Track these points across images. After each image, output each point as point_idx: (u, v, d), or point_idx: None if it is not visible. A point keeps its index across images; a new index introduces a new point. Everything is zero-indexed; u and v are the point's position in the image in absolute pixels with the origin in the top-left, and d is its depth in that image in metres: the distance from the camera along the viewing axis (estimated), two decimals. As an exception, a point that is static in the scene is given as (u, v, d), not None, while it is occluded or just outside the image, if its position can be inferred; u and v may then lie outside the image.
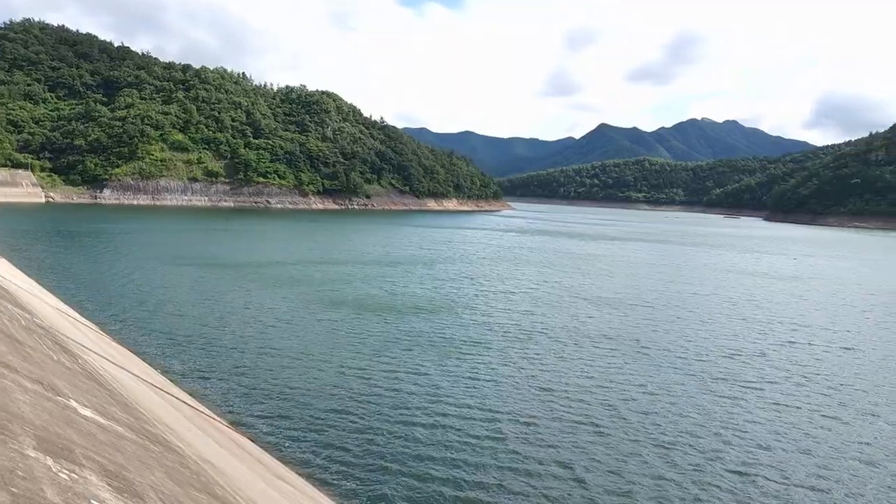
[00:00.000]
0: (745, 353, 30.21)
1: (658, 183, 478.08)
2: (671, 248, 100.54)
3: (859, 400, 23.96)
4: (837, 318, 41.55)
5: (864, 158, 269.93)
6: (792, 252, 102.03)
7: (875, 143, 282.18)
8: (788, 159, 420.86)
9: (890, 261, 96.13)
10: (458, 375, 23.87)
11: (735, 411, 21.82)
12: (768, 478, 16.69)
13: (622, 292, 47.48)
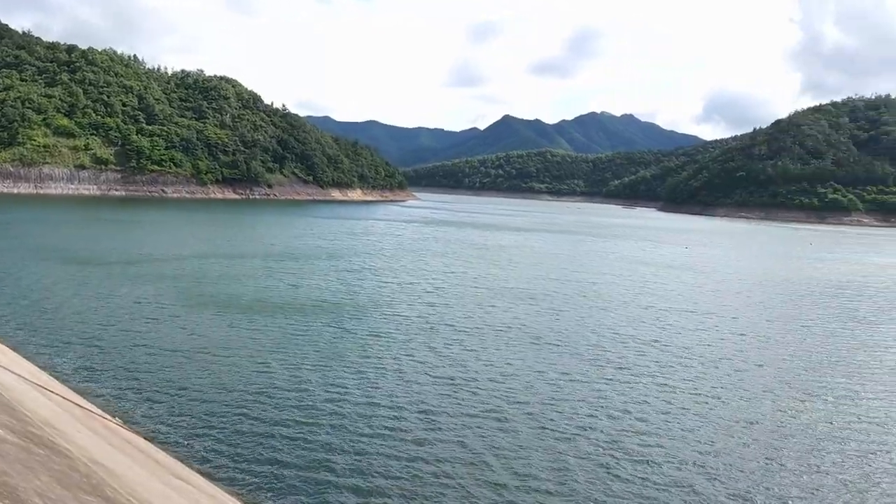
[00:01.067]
0: (641, 340, 31.57)
1: (560, 174, 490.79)
2: (573, 238, 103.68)
3: (746, 382, 25.55)
4: (725, 305, 44.05)
5: (749, 153, 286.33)
6: (684, 241, 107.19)
7: (758, 138, 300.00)
8: (681, 153, 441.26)
9: (770, 250, 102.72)
10: (360, 369, 23.78)
11: (633, 395, 22.79)
12: (661, 461, 17.58)
13: (525, 282, 48.60)
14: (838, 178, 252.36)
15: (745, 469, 17.38)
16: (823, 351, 31.75)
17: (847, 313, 43.17)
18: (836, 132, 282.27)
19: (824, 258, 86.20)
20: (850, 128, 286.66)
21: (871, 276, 66.57)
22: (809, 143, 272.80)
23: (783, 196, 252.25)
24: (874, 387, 26.00)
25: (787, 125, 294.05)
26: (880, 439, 20.15)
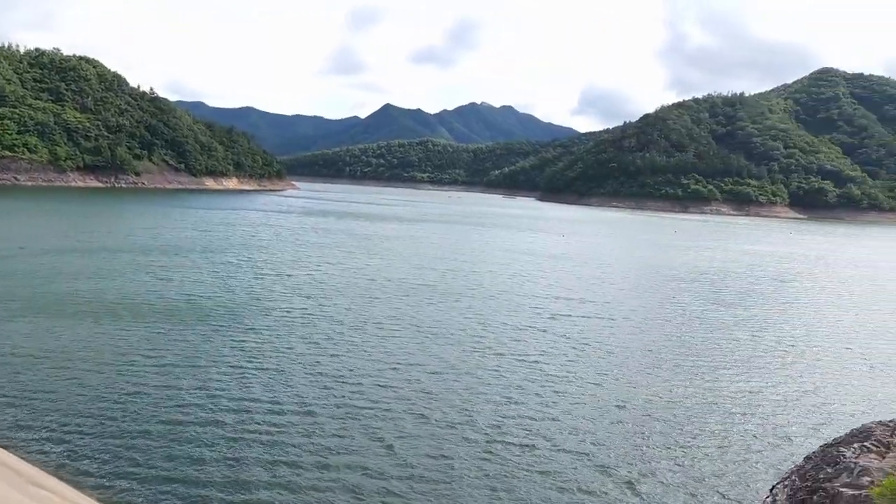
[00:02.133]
0: (520, 328, 32.10)
1: (441, 164, 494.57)
2: (455, 228, 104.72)
3: (619, 364, 26.52)
4: (600, 291, 45.77)
5: (619, 145, 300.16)
6: (561, 230, 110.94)
7: (628, 131, 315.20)
8: (557, 144, 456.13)
9: (640, 238, 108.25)
10: (235, 368, 22.71)
11: (513, 381, 23.04)
12: (540, 445, 17.78)
13: (407, 273, 48.46)
14: (699, 170, 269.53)
15: (616, 446, 17.96)
16: (690, 332, 33.62)
17: (711, 297, 46.05)
18: (697, 127, 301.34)
19: (689, 246, 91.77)
20: (709, 123, 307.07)
21: (730, 262, 71.48)
22: (674, 136, 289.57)
23: (651, 186, 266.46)
24: (734, 363, 27.88)
25: (653, 119, 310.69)
26: (739, 411, 21.59)
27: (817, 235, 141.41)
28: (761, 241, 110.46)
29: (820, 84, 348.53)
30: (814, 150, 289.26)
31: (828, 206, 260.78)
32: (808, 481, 14.84)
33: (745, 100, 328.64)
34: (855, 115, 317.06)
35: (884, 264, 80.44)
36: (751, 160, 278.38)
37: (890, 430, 16.29)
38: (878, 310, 45.17)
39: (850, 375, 27.60)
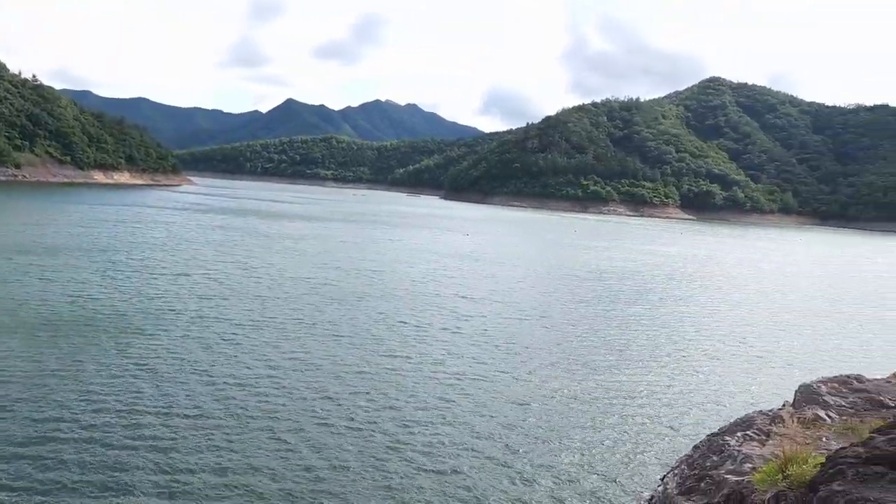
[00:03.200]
0: (422, 328, 32.10)
1: (346, 161, 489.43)
2: (359, 226, 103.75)
3: (522, 362, 26.92)
4: (504, 290, 46.40)
5: (523, 146, 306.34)
6: (465, 229, 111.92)
7: (531, 132, 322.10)
8: (462, 143, 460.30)
9: (543, 237, 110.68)
10: (123, 373, 21.50)
11: (415, 382, 22.98)
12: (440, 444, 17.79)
13: (309, 273, 47.51)
14: (598, 171, 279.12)
15: (516, 442, 18.12)
16: (591, 330, 34.55)
17: (610, 295, 47.54)
18: (596, 130, 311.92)
19: (589, 245, 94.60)
20: (608, 126, 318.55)
21: (628, 262, 74.16)
22: (574, 138, 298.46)
23: (552, 187, 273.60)
24: (632, 359, 28.81)
25: (555, 121, 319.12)
26: (635, 404, 22.27)
27: (706, 236, 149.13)
28: (656, 241, 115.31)
29: (708, 92, 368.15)
30: (703, 154, 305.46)
31: (715, 207, 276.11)
32: (695, 469, 15.32)
33: (641, 105, 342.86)
34: (740, 123, 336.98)
35: (765, 265, 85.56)
36: (646, 163, 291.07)
37: (770, 418, 17.07)
38: (761, 307, 47.93)
39: (736, 368, 29.07)
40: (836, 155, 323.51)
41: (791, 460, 9.63)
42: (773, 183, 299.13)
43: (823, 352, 33.79)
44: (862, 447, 8.44)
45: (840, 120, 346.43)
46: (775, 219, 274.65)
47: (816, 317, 45.01)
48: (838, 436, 14.13)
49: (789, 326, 40.64)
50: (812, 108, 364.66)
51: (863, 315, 47.21)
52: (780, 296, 54.59)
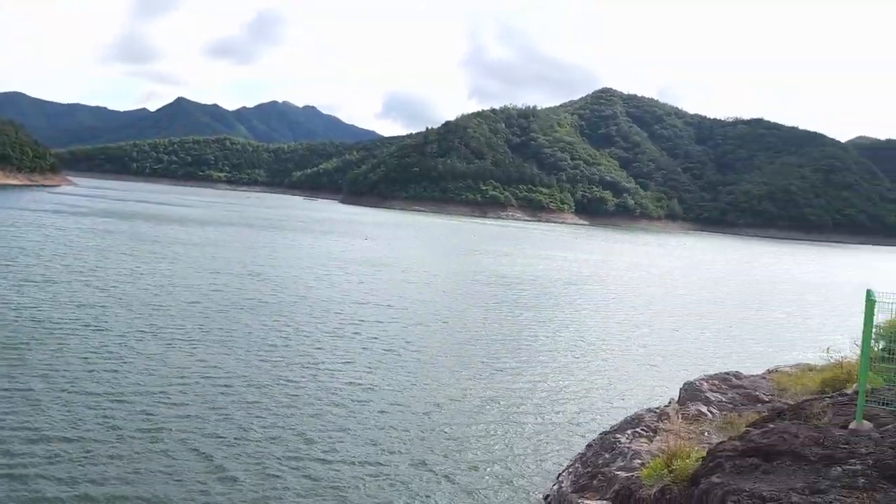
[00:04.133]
0: (324, 335, 31.64)
1: (240, 163, 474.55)
2: (254, 230, 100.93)
3: (422, 371, 26.94)
4: (403, 296, 46.36)
5: (422, 150, 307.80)
6: (365, 233, 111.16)
7: (430, 137, 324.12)
8: (361, 147, 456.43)
9: (442, 242, 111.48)
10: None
11: (311, 391, 22.57)
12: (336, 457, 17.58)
13: (201, 280, 45.73)
14: (497, 176, 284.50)
15: (414, 449, 18.11)
16: (492, 334, 35.04)
17: (511, 299, 48.38)
18: (494, 136, 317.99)
19: (489, 250, 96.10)
20: (506, 133, 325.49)
21: (527, 266, 75.82)
22: (473, 144, 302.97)
23: (452, 191, 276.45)
24: (531, 362, 29.41)
25: (454, 127, 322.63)
26: (533, 405, 22.73)
27: (600, 241, 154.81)
28: (553, 246, 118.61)
29: (601, 102, 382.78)
30: (596, 162, 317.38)
31: (607, 213, 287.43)
32: (589, 467, 15.78)
33: (538, 113, 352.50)
34: (630, 133, 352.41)
35: (654, 269, 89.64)
36: (542, 169, 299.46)
37: (657, 415, 17.84)
38: (652, 309, 50.13)
39: (628, 368, 30.24)
40: (717, 165, 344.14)
41: (675, 455, 10.09)
42: (661, 190, 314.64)
43: (707, 350, 35.68)
44: (738, 441, 8.94)
45: (720, 132, 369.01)
46: (662, 224, 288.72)
47: (701, 317, 47.53)
48: (719, 430, 14.91)
49: (677, 327, 42.72)
50: (695, 119, 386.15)
51: (742, 315, 50.29)
52: (669, 298, 57.34)
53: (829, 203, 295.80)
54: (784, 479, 7.59)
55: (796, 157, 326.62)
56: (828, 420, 9.47)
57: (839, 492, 7.26)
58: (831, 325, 45.02)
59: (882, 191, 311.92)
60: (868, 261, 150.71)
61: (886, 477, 7.58)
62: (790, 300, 62.90)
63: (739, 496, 7.18)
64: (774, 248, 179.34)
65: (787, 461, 8.01)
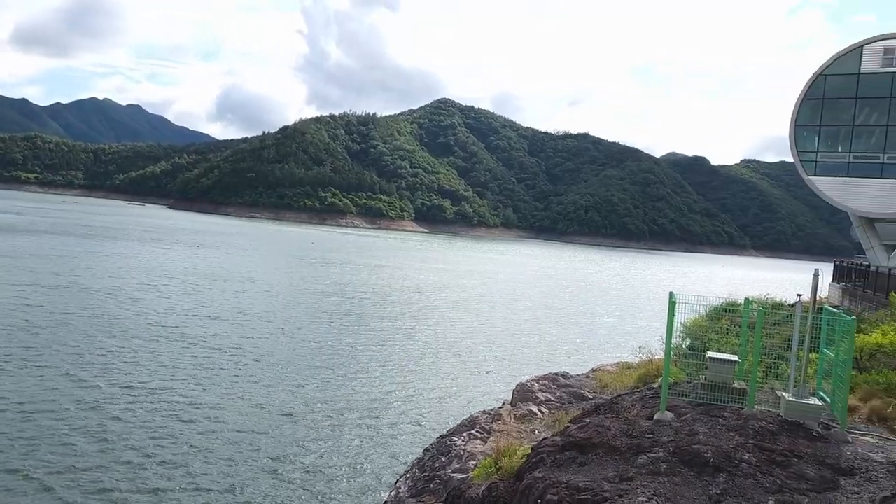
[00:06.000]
0: (151, 350, 30.01)
1: (54, 163, 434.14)
2: (72, 239, 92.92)
3: (260, 383, 26.20)
4: (242, 307, 44.79)
5: (259, 155, 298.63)
6: (197, 241, 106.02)
7: (267, 141, 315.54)
8: (193, 150, 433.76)
9: (279, 250, 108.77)
10: None
11: (138, 415, 21.36)
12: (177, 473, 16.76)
13: (6, 294, 41.64)
14: (336, 183, 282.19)
15: (251, 457, 17.73)
16: (333, 344, 34.81)
17: (352, 309, 48.19)
18: (334, 142, 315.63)
19: (330, 259, 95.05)
20: (345, 139, 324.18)
21: (371, 275, 75.80)
22: (312, 149, 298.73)
23: (290, 198, 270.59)
24: (372, 370, 29.51)
25: (292, 132, 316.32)
26: (373, 413, 22.85)
27: (441, 249, 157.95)
28: (396, 254, 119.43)
29: (440, 112, 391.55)
30: (435, 170, 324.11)
31: (446, 221, 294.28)
32: (426, 471, 16.14)
33: (378, 120, 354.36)
34: (468, 143, 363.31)
35: (493, 276, 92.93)
36: (382, 177, 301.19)
37: (491, 417, 18.60)
38: (491, 315, 51.99)
39: (467, 373, 31.23)
40: (548, 176, 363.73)
41: (503, 454, 10.64)
42: (497, 199, 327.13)
43: (540, 353, 37.63)
44: (559, 436, 9.59)
45: (551, 145, 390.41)
46: (499, 232, 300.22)
47: (536, 322, 50.00)
48: (547, 427, 15.83)
49: (514, 331, 44.65)
50: (528, 132, 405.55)
51: (573, 319, 53.50)
52: (507, 304, 59.72)
53: (646, 213, 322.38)
54: (597, 470, 8.25)
55: (617, 170, 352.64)
56: (636, 413, 10.39)
57: (644, 478, 8.01)
58: (652, 327, 49.07)
59: (689, 202, 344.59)
60: (681, 266, 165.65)
61: (684, 462, 8.47)
62: (616, 304, 67.79)
63: (558, 488, 7.71)
64: (601, 256, 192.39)
65: (601, 452, 8.71)
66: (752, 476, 8.33)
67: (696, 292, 12.88)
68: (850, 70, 41.08)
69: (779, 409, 10.61)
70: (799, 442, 9.32)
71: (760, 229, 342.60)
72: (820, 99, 42.23)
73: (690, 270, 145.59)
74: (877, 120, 40.69)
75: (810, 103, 42.58)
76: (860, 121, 41.37)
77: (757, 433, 9.37)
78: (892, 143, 39.97)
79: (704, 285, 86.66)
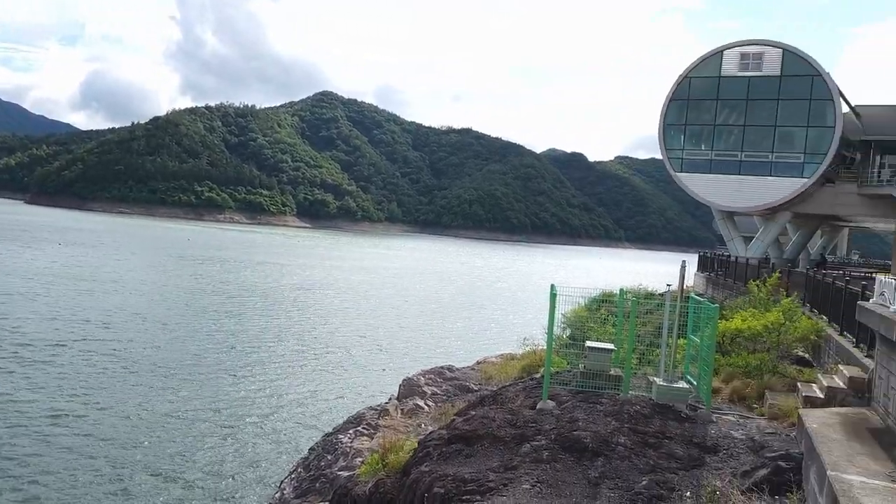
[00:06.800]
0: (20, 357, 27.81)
1: None
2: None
3: (139, 385, 24.86)
4: (111, 310, 42.28)
5: (128, 147, 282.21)
6: (59, 238, 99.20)
7: (137, 132, 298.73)
8: (53, 141, 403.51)
9: (153, 248, 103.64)
10: None
11: None
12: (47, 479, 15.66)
13: None
14: (213, 177, 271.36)
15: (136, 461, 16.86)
16: (213, 344, 33.51)
17: (234, 309, 46.58)
18: (210, 134, 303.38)
19: (210, 256, 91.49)
20: (223, 131, 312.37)
21: (254, 272, 73.54)
22: (187, 142, 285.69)
23: (163, 192, 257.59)
24: (255, 371, 28.69)
25: (165, 123, 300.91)
26: (257, 414, 22.23)
27: (326, 245, 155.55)
28: (279, 251, 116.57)
29: (322, 105, 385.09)
30: (317, 165, 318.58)
31: (330, 216, 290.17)
32: (311, 471, 15.89)
33: (257, 112, 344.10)
34: (350, 136, 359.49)
35: (382, 272, 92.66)
36: (262, 171, 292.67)
37: (378, 412, 18.54)
38: (379, 310, 51.81)
39: (354, 369, 30.98)
40: (432, 170, 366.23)
41: (390, 449, 10.62)
42: (381, 194, 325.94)
43: (428, 347, 37.92)
44: (445, 430, 9.69)
45: (435, 139, 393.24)
46: (383, 227, 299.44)
47: (424, 316, 50.26)
48: (434, 421, 15.95)
49: (402, 326, 44.69)
50: (412, 126, 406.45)
51: (460, 312, 54.20)
52: (395, 299, 59.66)
53: (528, 207, 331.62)
54: (483, 461, 8.38)
55: (500, 165, 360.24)
56: (520, 403, 10.65)
57: (528, 466, 8.22)
58: (536, 318, 50.42)
59: (568, 197, 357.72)
60: (562, 259, 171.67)
61: (565, 448, 8.76)
62: (502, 297, 69.28)
63: (445, 481, 7.78)
64: (485, 249, 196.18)
65: (486, 443, 8.86)
66: (627, 458, 8.74)
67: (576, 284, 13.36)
68: (712, 73, 43.96)
69: (651, 394, 11.20)
70: (669, 424, 9.87)
71: (633, 222, 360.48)
72: (685, 100, 44.93)
73: (571, 263, 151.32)
74: (735, 120, 43.75)
75: (677, 104, 45.21)
76: (721, 121, 44.35)
77: (632, 417, 9.84)
78: (749, 143, 43.13)
79: (585, 277, 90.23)
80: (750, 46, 43.26)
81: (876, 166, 42.25)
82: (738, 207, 44.96)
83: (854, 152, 45.54)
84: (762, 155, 42.78)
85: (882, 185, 39.92)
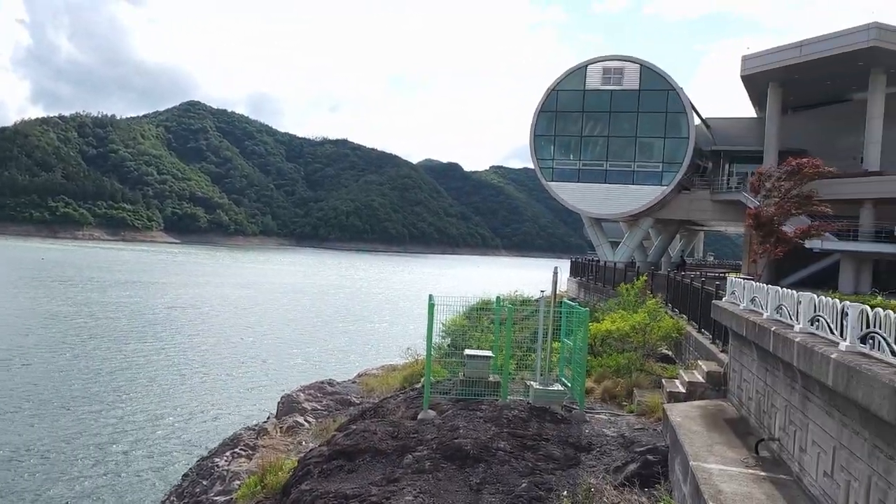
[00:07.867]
0: None
1: None
2: None
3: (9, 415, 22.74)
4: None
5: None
6: None
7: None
8: None
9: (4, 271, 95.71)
10: None
11: None
12: None
13: None
14: (69, 191, 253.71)
15: None
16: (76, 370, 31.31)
17: (97, 332, 43.63)
18: (65, 146, 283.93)
19: (63, 276, 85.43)
20: (79, 143, 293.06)
21: (116, 293, 69.16)
22: (39, 154, 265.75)
23: (12, 208, 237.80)
24: (119, 397, 27.01)
25: (13, 134, 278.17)
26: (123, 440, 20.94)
27: (197, 262, 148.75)
28: (147, 269, 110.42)
29: (189, 115, 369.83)
30: (186, 177, 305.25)
31: (200, 230, 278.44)
32: (185, 498, 15.13)
33: (118, 122, 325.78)
34: (221, 147, 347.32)
35: (258, 288, 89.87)
36: (125, 184, 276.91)
37: (256, 432, 17.95)
38: (255, 327, 50.16)
39: (229, 390, 29.82)
40: (307, 182, 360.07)
41: (269, 470, 10.29)
42: (255, 207, 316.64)
43: (308, 362, 37.12)
44: (326, 446, 9.50)
45: (310, 150, 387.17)
46: (258, 241, 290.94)
47: (304, 331, 49.17)
48: (315, 437, 15.62)
49: (280, 342, 43.48)
50: (286, 138, 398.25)
51: (340, 326, 53.46)
52: (273, 315, 57.96)
53: (406, 218, 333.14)
54: (365, 475, 8.29)
55: (377, 176, 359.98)
56: (402, 414, 10.64)
57: (411, 478, 8.21)
58: (418, 329, 50.54)
59: (445, 206, 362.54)
60: (441, 268, 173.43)
61: (447, 457, 8.82)
62: (383, 308, 68.97)
63: (326, 499, 7.62)
64: (364, 261, 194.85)
65: (368, 457, 8.77)
66: (507, 462, 8.93)
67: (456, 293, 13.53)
68: (577, 86, 46.10)
69: (529, 398, 11.51)
70: (546, 426, 10.17)
71: (509, 230, 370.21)
72: (554, 111, 46.84)
73: (450, 272, 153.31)
74: (600, 131, 46.09)
75: (546, 115, 47.05)
76: (587, 132, 46.56)
77: (510, 422, 10.06)
78: (613, 153, 45.52)
79: (464, 285, 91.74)
80: (611, 62, 45.75)
81: (725, 174, 45.79)
82: (606, 214, 47.31)
83: (706, 161, 49.14)
84: (625, 164, 45.30)
85: (731, 192, 43.22)
